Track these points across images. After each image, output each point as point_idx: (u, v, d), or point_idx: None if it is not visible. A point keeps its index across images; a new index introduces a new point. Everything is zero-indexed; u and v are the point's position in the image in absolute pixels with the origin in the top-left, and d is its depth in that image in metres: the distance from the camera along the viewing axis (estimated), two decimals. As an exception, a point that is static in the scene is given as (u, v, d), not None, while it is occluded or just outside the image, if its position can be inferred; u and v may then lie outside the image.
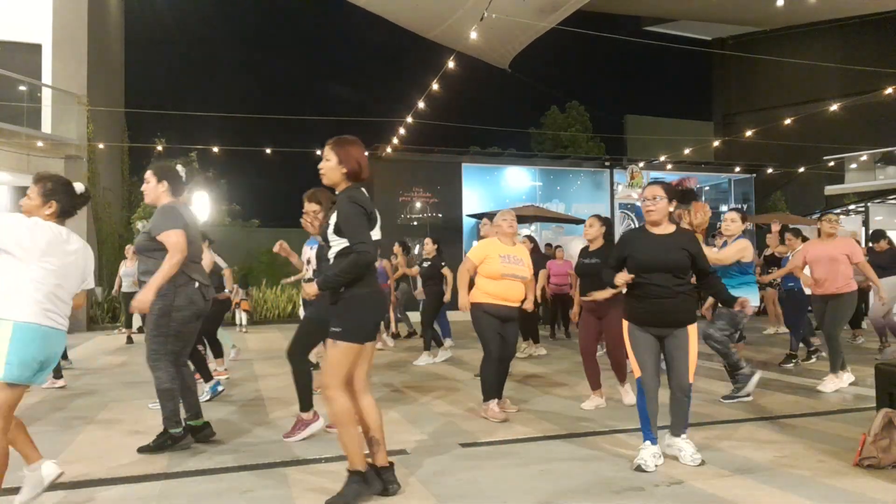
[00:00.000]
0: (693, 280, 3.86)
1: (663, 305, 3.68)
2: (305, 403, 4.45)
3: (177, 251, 3.90)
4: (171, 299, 4.02)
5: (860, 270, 6.09)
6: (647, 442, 3.71)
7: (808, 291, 6.64)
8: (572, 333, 10.56)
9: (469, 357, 8.23)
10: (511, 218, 5.15)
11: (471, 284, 5.07)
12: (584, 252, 5.59)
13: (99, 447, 4.23)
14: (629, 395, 5.30)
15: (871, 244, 8.65)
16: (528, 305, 5.37)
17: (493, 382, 5.00)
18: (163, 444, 4.10)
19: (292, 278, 8.66)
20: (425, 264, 8.22)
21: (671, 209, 3.79)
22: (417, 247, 13.69)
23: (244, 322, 13.08)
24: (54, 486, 3.17)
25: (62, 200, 3.09)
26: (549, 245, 12.21)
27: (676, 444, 3.80)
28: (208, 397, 5.54)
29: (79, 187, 3.22)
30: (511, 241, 5.10)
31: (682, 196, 3.89)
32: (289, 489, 3.43)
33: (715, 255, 5.37)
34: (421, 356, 8.01)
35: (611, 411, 5.19)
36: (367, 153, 3.38)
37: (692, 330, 3.76)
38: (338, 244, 3.21)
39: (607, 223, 5.57)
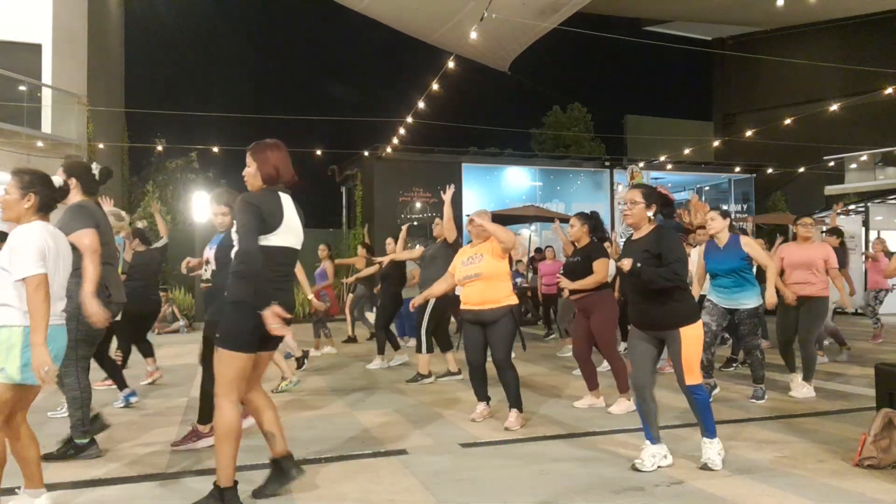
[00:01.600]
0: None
1: (644, 308, 3.71)
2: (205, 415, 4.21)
3: (91, 250, 3.73)
4: (78, 302, 3.75)
5: (831, 276, 5.96)
6: (647, 442, 3.73)
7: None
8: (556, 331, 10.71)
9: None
10: (478, 218, 4.86)
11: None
12: (573, 251, 5.60)
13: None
14: (623, 405, 5.16)
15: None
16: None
17: (475, 386, 4.99)
18: (65, 452, 3.91)
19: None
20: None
21: (650, 213, 3.74)
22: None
23: None
24: (54, 486, 3.17)
25: (41, 193, 3.05)
26: (538, 250, 12.16)
27: (702, 447, 3.75)
28: (122, 405, 5.43)
29: (56, 180, 3.20)
30: (481, 241, 4.87)
31: (663, 203, 3.82)
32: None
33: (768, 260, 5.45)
34: (374, 360, 7.67)
35: (609, 411, 5.19)
36: (285, 155, 3.30)
37: (684, 332, 3.59)
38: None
39: (591, 221, 5.49)
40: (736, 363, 7.36)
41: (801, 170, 19.38)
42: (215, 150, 15.57)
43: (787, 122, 15.03)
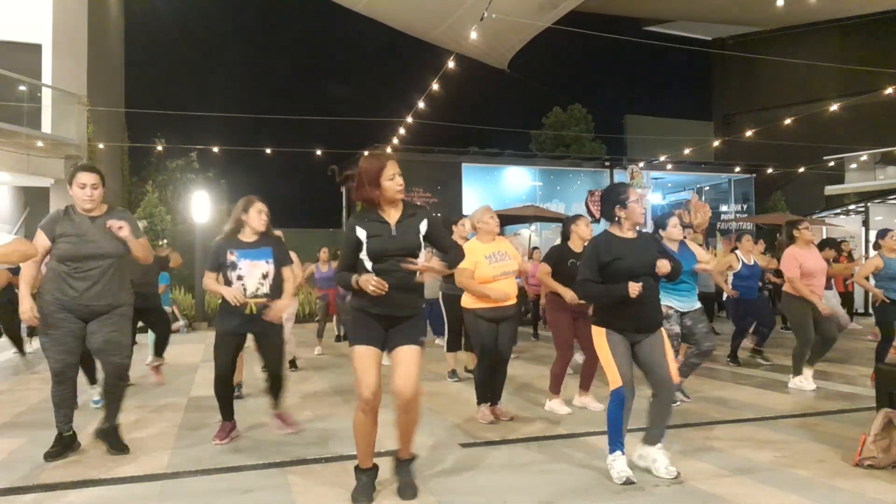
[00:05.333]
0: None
1: (645, 310, 3.58)
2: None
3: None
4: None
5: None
6: (618, 452, 3.53)
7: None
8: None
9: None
10: (495, 216, 4.97)
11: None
12: (572, 255, 5.24)
13: (99, 447, 4.23)
14: (595, 404, 5.21)
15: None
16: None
17: (485, 386, 4.94)
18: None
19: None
20: None
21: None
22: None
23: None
24: (55, 486, 3.17)
25: None
26: (536, 248, 12.11)
27: (651, 455, 3.62)
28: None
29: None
30: (491, 239, 4.94)
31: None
32: (289, 489, 3.43)
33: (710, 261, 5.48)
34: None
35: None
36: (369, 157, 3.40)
37: (663, 331, 3.69)
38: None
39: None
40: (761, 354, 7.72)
41: (801, 170, 19.39)
42: (215, 150, 15.57)
43: (787, 122, 15.03)
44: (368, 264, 3.21)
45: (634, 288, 3.43)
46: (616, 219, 3.68)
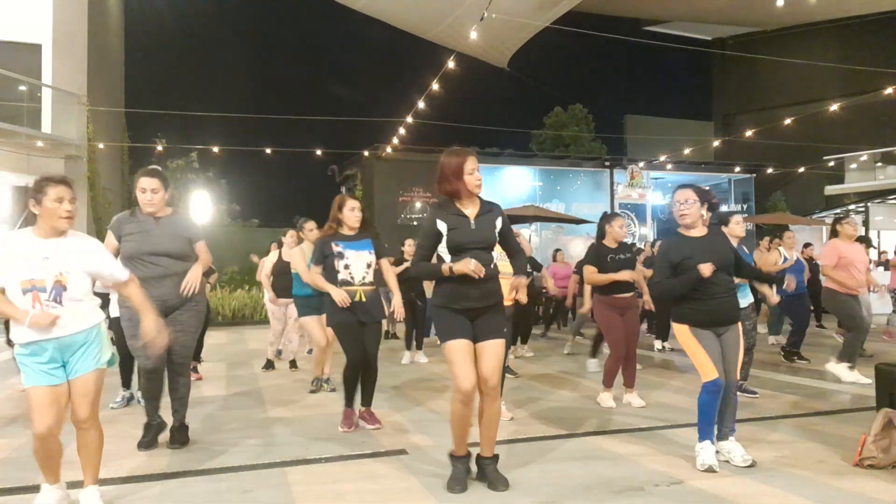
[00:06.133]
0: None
1: (723, 304, 3.73)
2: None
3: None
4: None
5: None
6: (708, 441, 3.69)
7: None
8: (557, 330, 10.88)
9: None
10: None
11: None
12: (614, 249, 5.44)
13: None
14: (638, 400, 5.35)
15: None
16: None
17: None
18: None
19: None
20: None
21: (703, 213, 3.82)
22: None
23: None
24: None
25: None
26: (559, 250, 11.93)
27: (725, 447, 3.82)
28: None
29: None
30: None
31: (711, 202, 3.94)
32: (289, 489, 3.43)
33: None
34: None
35: (610, 411, 5.19)
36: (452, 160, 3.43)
37: (739, 326, 3.86)
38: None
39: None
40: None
41: (801, 170, 19.40)
42: (215, 150, 15.57)
43: (787, 122, 15.05)
44: (447, 257, 3.32)
45: (706, 268, 3.60)
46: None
